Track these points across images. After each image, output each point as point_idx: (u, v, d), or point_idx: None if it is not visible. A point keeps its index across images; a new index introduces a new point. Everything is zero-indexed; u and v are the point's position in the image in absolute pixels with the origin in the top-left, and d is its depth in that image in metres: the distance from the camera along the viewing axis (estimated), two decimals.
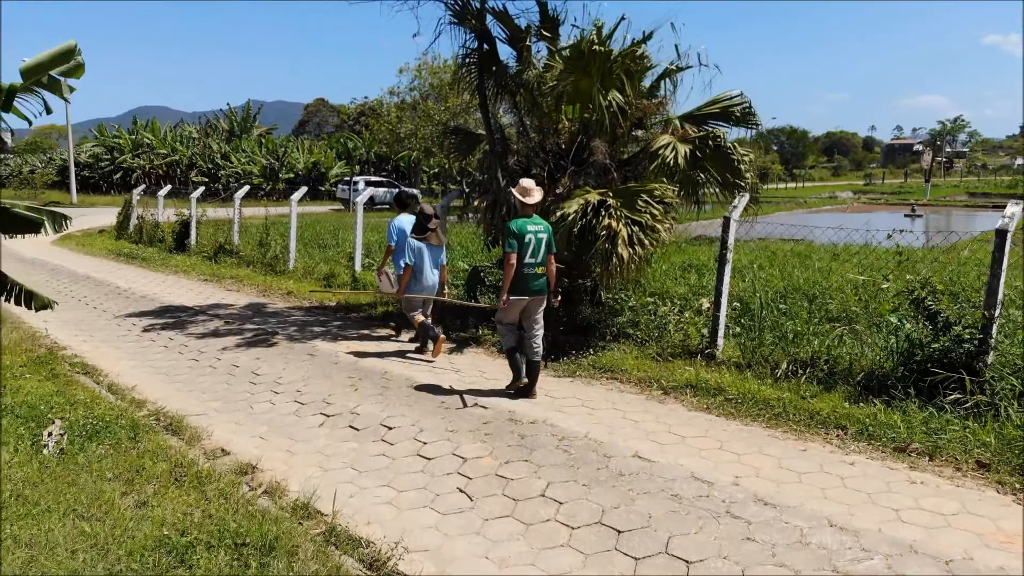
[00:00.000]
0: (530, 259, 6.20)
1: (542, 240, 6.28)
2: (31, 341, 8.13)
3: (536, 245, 6.23)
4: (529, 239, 6.19)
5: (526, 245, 6.17)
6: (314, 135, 71.77)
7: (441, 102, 32.98)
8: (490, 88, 9.41)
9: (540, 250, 6.25)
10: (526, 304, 6.29)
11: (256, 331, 8.73)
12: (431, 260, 7.77)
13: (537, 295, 6.30)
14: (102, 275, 13.59)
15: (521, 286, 6.21)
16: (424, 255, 7.70)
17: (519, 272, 6.17)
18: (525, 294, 6.23)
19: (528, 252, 6.19)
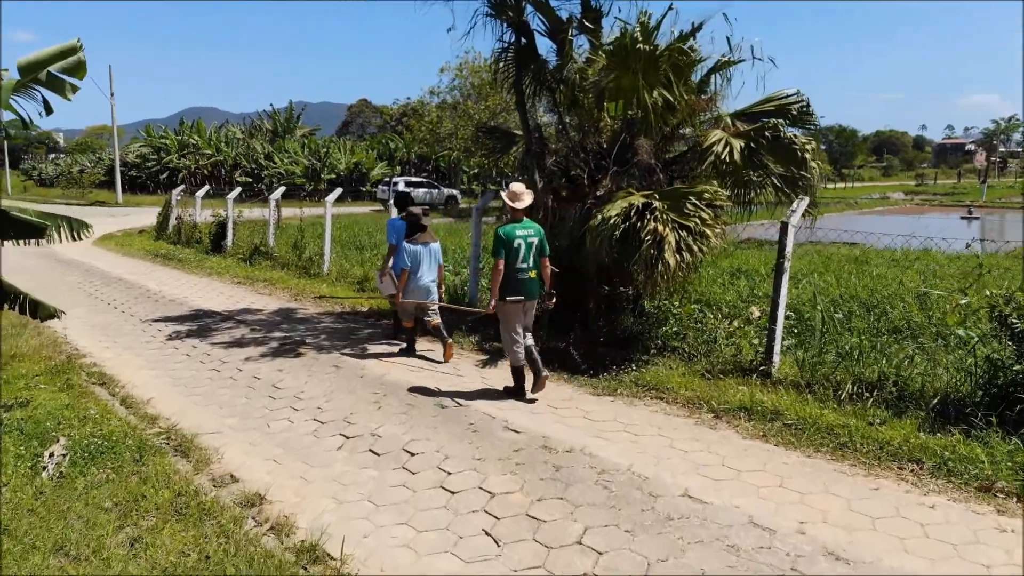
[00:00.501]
0: (521, 264, 6.22)
1: (532, 244, 6.30)
2: (52, 347, 7.90)
3: (526, 250, 6.25)
4: (519, 244, 6.21)
5: (515, 250, 6.19)
6: (357, 136, 72.24)
7: (481, 101, 32.60)
8: (528, 84, 8.91)
9: (531, 254, 6.28)
10: (522, 308, 6.34)
11: (282, 339, 8.36)
12: (428, 262, 7.61)
13: (530, 299, 6.37)
14: (136, 277, 13.46)
15: (514, 291, 6.24)
16: (420, 258, 7.56)
17: (511, 277, 6.21)
18: (520, 299, 6.28)
19: (519, 257, 6.20)
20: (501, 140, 9.81)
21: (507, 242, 6.19)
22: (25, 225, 5.20)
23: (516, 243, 6.22)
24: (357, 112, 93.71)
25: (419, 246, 7.58)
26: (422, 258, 7.58)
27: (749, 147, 7.83)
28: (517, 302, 6.27)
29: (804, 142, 7.96)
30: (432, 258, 7.69)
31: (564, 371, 7.12)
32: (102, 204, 40.24)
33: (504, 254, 6.16)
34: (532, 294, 6.35)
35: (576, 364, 7.27)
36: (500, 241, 6.21)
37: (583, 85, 8.59)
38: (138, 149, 57.35)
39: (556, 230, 8.45)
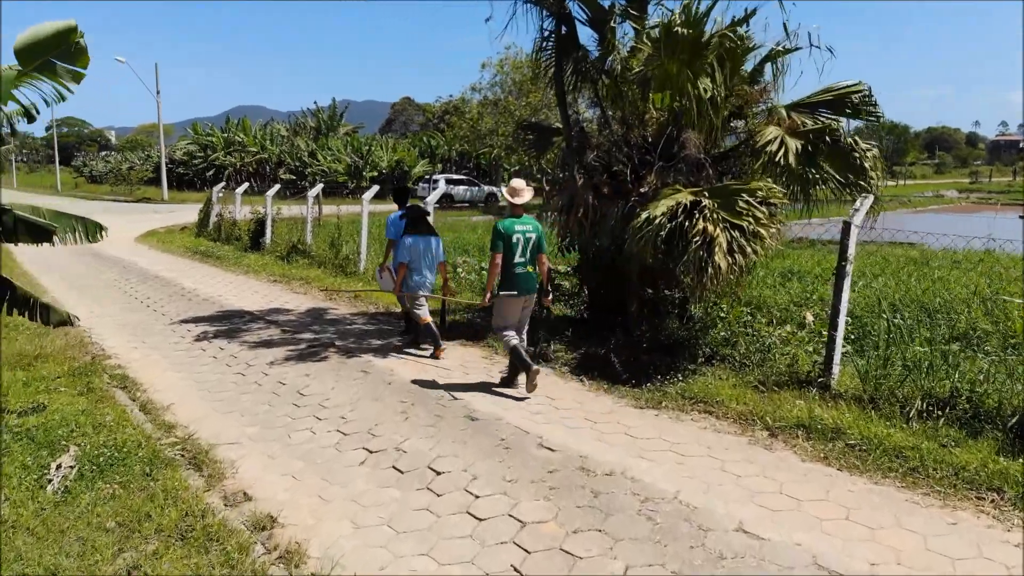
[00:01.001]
0: (519, 259, 6.28)
1: (530, 240, 6.35)
2: (78, 348, 7.73)
3: (524, 245, 6.30)
4: (517, 239, 6.27)
5: (514, 245, 6.25)
6: (399, 134, 72.52)
7: (522, 97, 32.18)
8: (569, 76, 8.46)
9: (528, 250, 6.33)
10: (521, 304, 6.40)
11: (311, 341, 8.07)
12: (426, 256, 7.51)
13: (527, 294, 6.41)
14: (172, 275, 13.38)
15: (511, 286, 6.30)
16: (419, 252, 7.44)
17: (509, 272, 6.28)
18: (517, 294, 6.33)
19: (517, 252, 6.27)
20: (541, 135, 9.38)
21: (505, 237, 6.25)
22: (33, 227, 4.95)
23: (515, 238, 6.27)
24: (400, 110, 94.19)
25: (418, 240, 7.45)
26: (421, 252, 7.45)
27: (806, 150, 7.31)
28: (513, 297, 6.32)
29: (865, 148, 7.39)
30: (431, 252, 7.56)
31: (604, 380, 6.67)
32: (148, 201, 40.96)
33: (502, 249, 6.23)
34: (529, 289, 6.41)
35: (617, 373, 6.81)
36: (498, 236, 6.26)
37: (627, 75, 8.13)
38: (185, 147, 58.41)
39: (597, 229, 8.02)
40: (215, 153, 52.59)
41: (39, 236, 5.00)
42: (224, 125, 56.33)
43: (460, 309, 9.58)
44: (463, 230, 20.08)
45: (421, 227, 7.56)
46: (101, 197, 45.67)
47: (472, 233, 19.26)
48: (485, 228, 21.01)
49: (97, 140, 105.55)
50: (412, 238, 7.43)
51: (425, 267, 7.50)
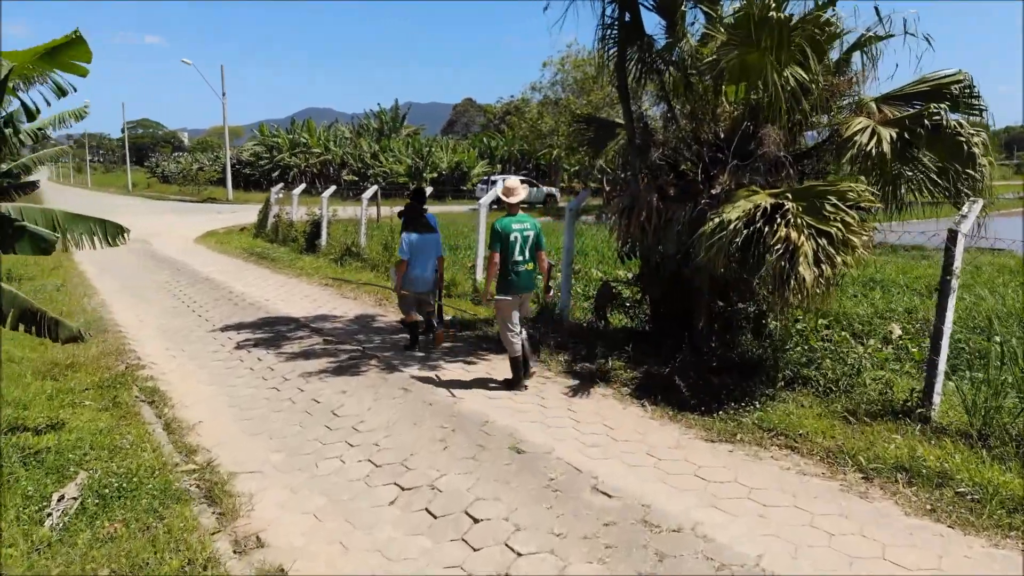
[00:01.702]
0: (517, 257, 6.31)
1: (528, 238, 6.38)
2: (114, 356, 7.42)
3: (522, 243, 6.33)
4: (514, 237, 6.29)
5: (511, 244, 6.27)
6: (461, 135, 72.58)
7: (583, 96, 31.42)
8: (633, 67, 7.75)
9: (527, 248, 6.36)
10: (518, 301, 6.42)
11: (352, 353, 7.57)
12: (426, 253, 7.57)
13: (527, 292, 6.48)
14: (224, 277, 13.18)
15: (512, 285, 6.34)
16: (419, 249, 7.51)
17: (507, 270, 6.31)
18: (514, 292, 6.35)
19: (515, 251, 6.30)
20: (599, 131, 8.68)
21: (503, 236, 6.27)
22: (35, 237, 4.54)
23: (512, 236, 6.28)
24: (462, 111, 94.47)
25: (415, 236, 7.50)
26: (420, 249, 7.51)
27: (902, 137, 6.45)
28: (513, 295, 6.34)
29: (972, 132, 6.48)
30: (431, 249, 7.62)
31: (669, 405, 5.95)
32: (213, 201, 41.75)
33: (499, 247, 6.26)
34: (527, 287, 6.45)
35: (684, 397, 6.08)
36: (495, 235, 6.30)
37: (697, 66, 7.39)
38: (252, 148, 59.67)
39: (662, 234, 7.31)
40: (280, 154, 53.46)
41: (38, 245, 4.59)
42: (290, 126, 57.24)
43: None
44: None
45: (420, 225, 7.60)
46: (168, 197, 46.88)
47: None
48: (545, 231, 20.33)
49: (171, 141, 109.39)
50: (411, 235, 7.50)
51: (424, 263, 7.57)
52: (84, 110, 12.13)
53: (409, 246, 7.45)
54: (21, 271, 12.86)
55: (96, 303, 10.56)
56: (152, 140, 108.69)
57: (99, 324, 8.86)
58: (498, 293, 6.34)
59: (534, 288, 6.59)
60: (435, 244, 7.70)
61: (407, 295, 7.60)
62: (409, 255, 7.44)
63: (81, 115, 12.01)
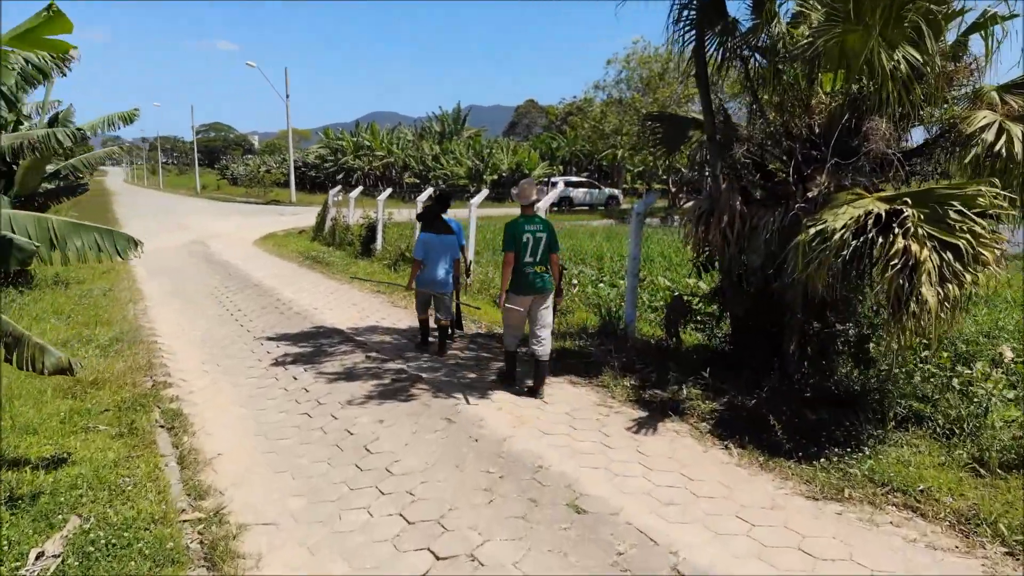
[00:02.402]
0: (529, 258, 6.21)
1: (541, 239, 6.26)
2: (144, 371, 6.90)
3: (535, 245, 6.23)
4: (527, 239, 6.19)
5: (524, 245, 6.18)
6: (522, 136, 72.01)
7: (649, 94, 30.28)
8: (712, 52, 6.82)
9: (539, 250, 6.25)
10: (529, 304, 6.30)
11: (398, 373, 6.86)
12: (441, 254, 7.56)
13: (539, 294, 6.31)
14: (274, 283, 12.72)
15: (521, 286, 6.25)
16: (433, 249, 7.53)
17: (519, 272, 6.22)
18: (526, 294, 6.27)
19: (527, 252, 6.20)
20: (672, 128, 7.76)
21: (516, 236, 6.18)
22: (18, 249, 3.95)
23: (524, 238, 6.19)
24: (524, 113, 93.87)
25: (431, 236, 7.54)
26: (435, 249, 7.52)
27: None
28: (523, 296, 6.26)
29: None
30: (446, 250, 7.60)
31: (757, 448, 5.04)
32: (277, 203, 42.11)
33: (513, 248, 6.18)
34: (539, 289, 6.30)
35: (776, 438, 5.15)
36: (508, 236, 6.22)
37: (789, 50, 6.43)
38: (317, 150, 60.40)
39: (746, 242, 6.40)
40: (345, 157, 53.83)
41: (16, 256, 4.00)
42: (354, 129, 57.64)
43: (571, 335, 8.15)
44: (581, 236, 18.46)
45: (436, 225, 7.64)
46: (234, 199, 47.60)
47: (590, 240, 17.70)
48: (605, 234, 19.42)
49: (241, 144, 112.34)
50: (426, 236, 7.56)
51: (439, 263, 7.55)
52: (134, 113, 11.86)
53: (423, 247, 7.52)
54: (71, 275, 12.69)
55: (139, 309, 10.20)
56: (224, 143, 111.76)
57: (135, 334, 8.41)
58: (508, 292, 6.30)
59: (549, 291, 6.39)
60: (451, 246, 7.68)
61: (422, 294, 7.68)
62: (424, 255, 7.48)
63: (131, 118, 11.74)
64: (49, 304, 9.95)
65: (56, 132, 8.54)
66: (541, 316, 6.35)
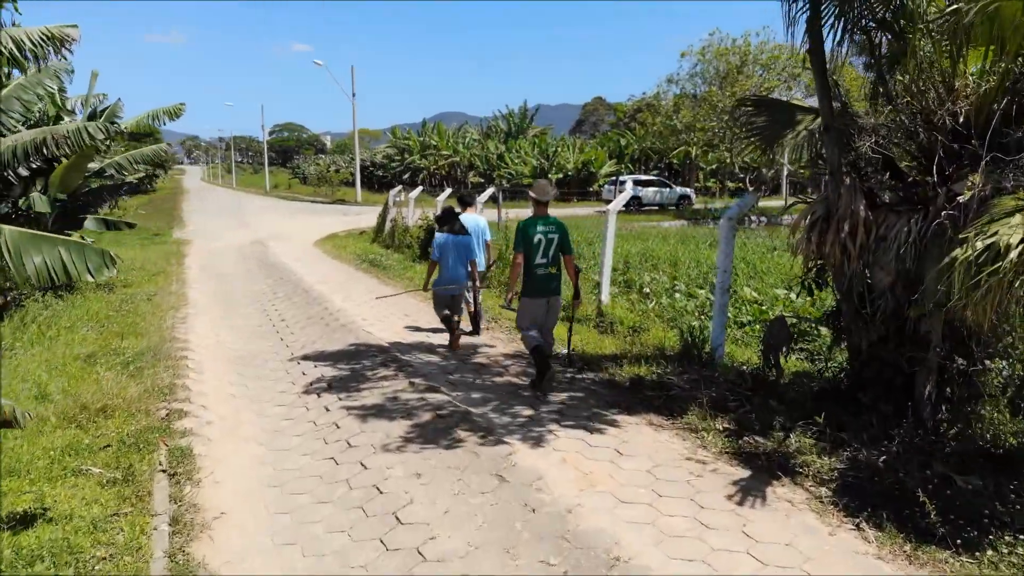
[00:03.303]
0: (540, 259, 6.11)
1: (553, 240, 6.16)
2: (162, 394, 6.12)
3: (546, 246, 6.12)
4: (539, 239, 6.08)
5: (535, 246, 6.08)
6: (589, 135, 70.72)
7: (726, 87, 28.62)
8: (830, 27, 5.58)
9: (551, 250, 6.15)
10: (544, 307, 6.24)
11: (442, 407, 5.83)
12: (456, 254, 7.63)
13: (549, 295, 6.23)
14: (326, 288, 11.97)
15: (534, 288, 6.17)
16: (448, 249, 7.60)
17: (530, 274, 6.13)
18: (539, 296, 6.19)
19: (538, 253, 6.10)
20: (773, 115, 6.50)
21: (527, 236, 6.09)
22: None
23: (536, 239, 6.09)
24: (591, 110, 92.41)
25: (447, 237, 7.60)
26: (449, 249, 7.58)
27: None
28: (536, 300, 6.19)
29: None
30: (461, 251, 7.65)
31: (897, 527, 3.83)
32: (343, 202, 42.03)
33: (523, 249, 6.09)
34: (550, 291, 6.25)
35: (922, 514, 3.93)
36: (519, 236, 6.14)
37: (927, 24, 5.19)
38: (384, 150, 60.55)
39: (871, 256, 5.22)
40: (411, 156, 53.64)
41: None
42: (421, 129, 57.44)
43: (647, 358, 7.02)
44: (653, 239, 17.16)
45: (452, 226, 7.68)
46: (301, 198, 47.88)
47: (663, 244, 16.43)
48: (679, 237, 18.08)
49: (314, 144, 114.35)
50: (443, 237, 7.62)
51: (455, 264, 7.62)
52: (180, 108, 11.28)
53: (439, 247, 7.59)
54: (120, 278, 12.25)
55: (179, 317, 9.55)
56: (296, 143, 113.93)
57: (165, 348, 7.69)
58: (521, 294, 6.24)
59: (559, 293, 6.35)
60: (466, 246, 7.70)
61: (439, 295, 7.71)
62: (439, 255, 7.58)
63: (176, 113, 11.17)
64: (86, 311, 9.40)
65: (87, 126, 7.92)
66: (548, 320, 6.36)
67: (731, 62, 28.75)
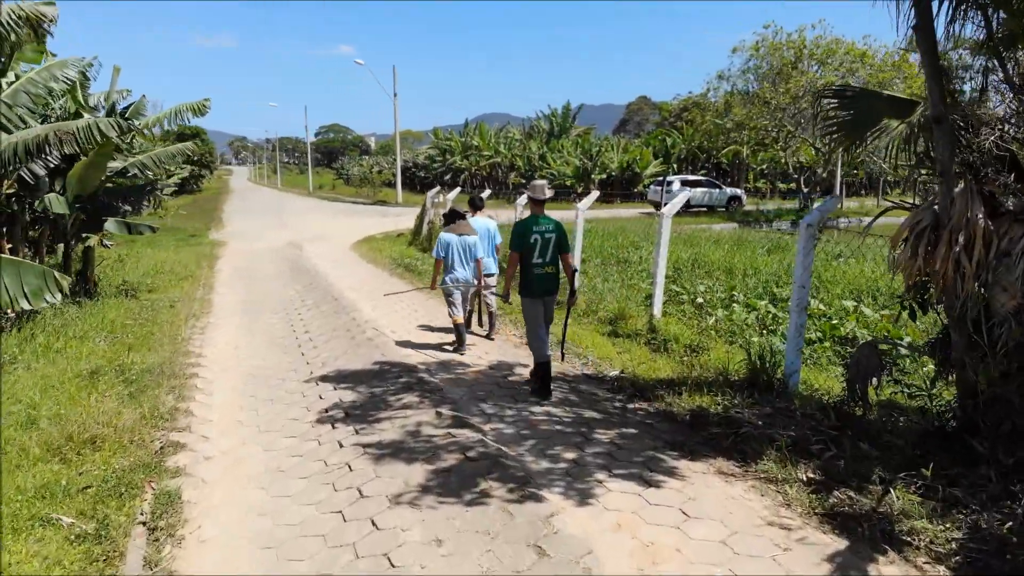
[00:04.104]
0: (537, 259, 6.13)
1: (550, 240, 6.15)
2: (159, 422, 5.46)
3: (543, 245, 6.12)
4: (535, 239, 6.09)
5: (531, 245, 6.09)
6: (633, 134, 69.43)
7: (781, 84, 27.33)
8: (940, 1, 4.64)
9: (548, 250, 6.15)
10: (543, 305, 6.25)
11: (469, 446, 5.01)
12: (461, 253, 7.69)
13: (546, 295, 6.25)
14: (356, 296, 11.30)
15: (532, 288, 6.20)
16: (453, 248, 7.65)
17: (528, 273, 6.16)
18: (538, 296, 6.21)
19: (535, 253, 6.11)
20: (862, 106, 5.56)
21: (524, 236, 6.10)
22: None
23: (532, 238, 6.09)
24: (635, 110, 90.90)
25: (452, 237, 7.66)
26: (454, 249, 7.65)
27: None
28: (535, 300, 6.20)
29: None
30: (466, 250, 7.69)
31: None
32: (384, 203, 41.67)
33: (519, 247, 6.11)
34: (548, 290, 6.26)
35: None
36: (516, 235, 6.16)
37: None
38: (426, 151, 60.26)
39: (991, 274, 4.30)
40: (452, 157, 53.16)
41: None
42: (463, 130, 56.95)
43: (708, 384, 6.15)
44: (704, 243, 16.06)
45: (457, 225, 7.74)
46: (343, 198, 47.73)
47: (715, 249, 15.42)
48: (733, 241, 17.00)
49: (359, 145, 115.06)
50: (447, 236, 7.68)
51: (460, 263, 7.68)
52: (205, 104, 10.71)
53: (443, 246, 7.65)
54: (148, 281, 11.80)
55: (199, 327, 8.98)
56: (341, 144, 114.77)
57: (176, 364, 7.08)
58: (520, 295, 6.28)
59: (555, 291, 6.38)
60: (472, 246, 7.72)
61: (447, 293, 7.72)
62: (444, 254, 7.64)
63: (201, 109, 10.61)
64: (102, 319, 8.87)
65: (99, 122, 7.36)
66: (547, 316, 6.34)
67: (785, 57, 27.43)
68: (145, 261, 14.62)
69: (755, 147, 34.45)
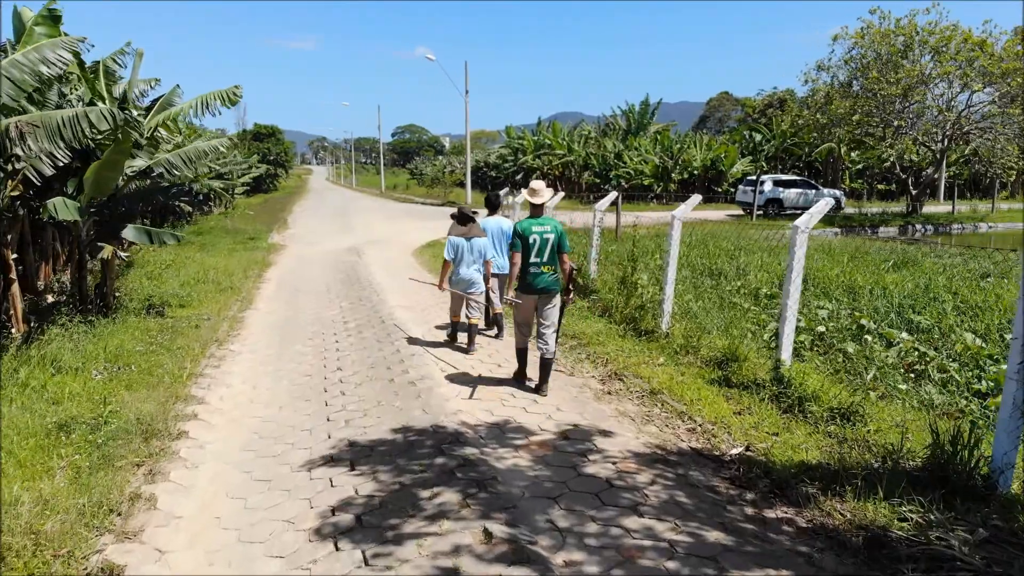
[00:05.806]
0: (535, 259, 6.20)
1: (548, 240, 6.22)
2: (109, 526, 3.93)
3: (542, 245, 6.19)
4: (534, 239, 6.17)
5: (531, 246, 6.17)
6: (714, 131, 66.35)
7: (888, 74, 24.52)
8: None
9: (546, 250, 6.22)
10: (535, 302, 6.30)
11: None
12: (469, 255, 7.68)
13: (544, 293, 6.28)
14: (409, 316, 9.70)
15: (527, 285, 6.26)
16: (462, 251, 7.67)
17: (525, 272, 6.25)
18: (531, 292, 6.26)
19: (532, 252, 6.18)
20: None
21: (523, 236, 6.17)
22: None
23: (532, 239, 6.16)
24: (716, 106, 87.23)
25: (461, 239, 7.68)
26: (463, 251, 7.67)
27: None
28: (526, 296, 6.29)
29: None
30: (475, 252, 7.70)
31: None
32: (453, 204, 40.41)
33: (519, 247, 6.17)
34: (546, 289, 6.27)
35: None
36: (516, 235, 6.21)
37: None
38: (498, 150, 59.01)
39: None
40: (524, 156, 51.61)
41: None
42: (535, 129, 55.38)
43: (876, 475, 4.23)
44: (811, 254, 13.83)
45: (466, 227, 7.68)
46: (413, 199, 46.81)
47: (829, 260, 13.21)
48: (847, 252, 14.69)
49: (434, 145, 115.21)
50: (455, 238, 7.68)
51: (468, 264, 7.69)
52: (235, 91, 9.29)
53: (453, 249, 7.65)
54: (182, 296, 10.55)
55: (217, 356, 7.57)
56: (417, 144, 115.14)
57: (166, 417, 5.61)
58: (516, 289, 6.37)
59: (556, 291, 6.32)
60: (481, 248, 7.72)
61: (455, 294, 7.78)
62: (453, 256, 7.64)
63: (231, 97, 9.23)
64: (111, 342, 7.52)
65: (88, 112, 5.97)
66: (547, 315, 6.31)
67: (894, 45, 24.61)
68: (190, 268, 13.46)
69: (852, 144, 31.45)
